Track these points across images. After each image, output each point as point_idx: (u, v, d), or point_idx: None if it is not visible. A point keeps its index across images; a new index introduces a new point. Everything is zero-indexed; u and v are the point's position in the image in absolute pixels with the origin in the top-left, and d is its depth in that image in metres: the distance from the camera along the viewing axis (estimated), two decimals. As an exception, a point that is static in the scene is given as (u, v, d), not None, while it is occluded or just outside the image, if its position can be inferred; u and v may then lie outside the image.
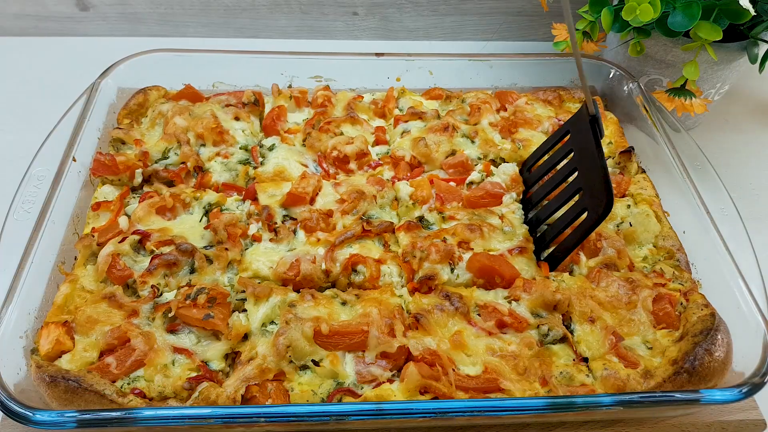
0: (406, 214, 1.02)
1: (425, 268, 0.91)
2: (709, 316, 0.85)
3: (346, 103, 1.22)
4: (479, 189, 1.04)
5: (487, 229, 0.96)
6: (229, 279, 0.95)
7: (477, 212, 1.00)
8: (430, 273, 0.91)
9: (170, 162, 1.10)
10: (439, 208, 1.01)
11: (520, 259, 0.95)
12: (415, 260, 0.92)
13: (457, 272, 0.92)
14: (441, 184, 1.05)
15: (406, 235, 0.97)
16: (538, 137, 1.17)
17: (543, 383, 0.82)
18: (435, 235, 0.96)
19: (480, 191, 1.03)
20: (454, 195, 1.04)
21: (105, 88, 1.17)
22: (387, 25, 1.61)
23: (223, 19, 1.58)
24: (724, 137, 1.40)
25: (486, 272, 0.91)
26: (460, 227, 0.96)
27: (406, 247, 0.95)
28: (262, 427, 0.76)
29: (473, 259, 0.92)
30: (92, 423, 0.71)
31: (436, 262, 0.91)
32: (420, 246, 0.93)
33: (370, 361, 0.82)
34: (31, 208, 0.94)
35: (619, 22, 1.15)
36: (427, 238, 0.95)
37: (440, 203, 1.02)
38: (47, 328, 0.84)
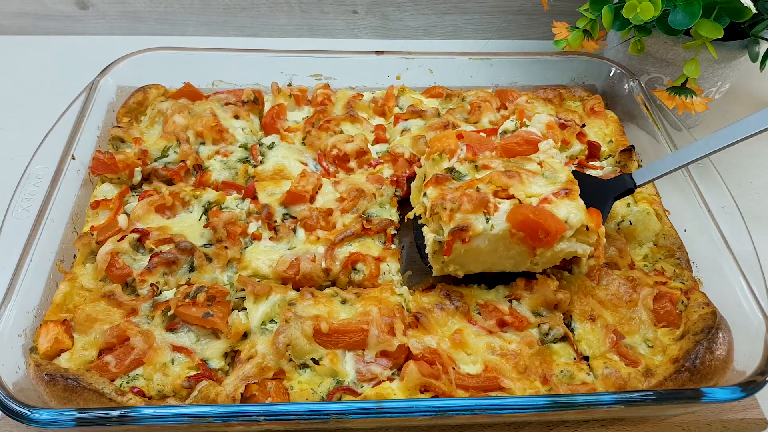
0: (433, 167, 0.92)
1: (457, 219, 0.81)
2: (710, 314, 0.85)
3: (346, 102, 1.22)
4: (515, 136, 0.95)
5: (526, 175, 0.86)
6: (229, 277, 0.94)
7: (513, 160, 0.91)
8: (462, 223, 0.80)
9: (170, 160, 1.10)
10: (471, 158, 0.92)
11: (566, 202, 0.83)
12: (445, 212, 0.82)
13: (492, 222, 0.82)
14: (471, 135, 0.96)
15: (435, 188, 0.87)
16: (538, 136, 1.17)
17: (543, 382, 0.82)
18: (467, 185, 0.86)
19: (516, 138, 0.94)
20: (487, 145, 0.94)
21: (104, 86, 1.17)
22: (387, 23, 1.61)
23: (223, 17, 1.58)
24: (725, 136, 1.39)
25: (528, 226, 0.81)
26: (495, 174, 0.86)
27: (434, 199, 0.85)
28: (262, 425, 0.76)
29: (516, 210, 0.81)
30: (91, 421, 0.71)
31: (468, 211, 0.81)
32: (450, 197, 0.83)
33: (370, 360, 0.82)
34: (30, 207, 0.94)
35: (619, 21, 1.15)
36: (458, 189, 0.86)
37: (472, 153, 0.92)
38: (46, 326, 0.84)
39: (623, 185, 0.96)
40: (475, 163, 0.91)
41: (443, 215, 0.83)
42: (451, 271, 0.89)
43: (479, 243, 0.82)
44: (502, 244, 0.84)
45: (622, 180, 0.97)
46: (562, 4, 1.47)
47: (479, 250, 0.84)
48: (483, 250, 0.84)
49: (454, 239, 0.81)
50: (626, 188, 0.96)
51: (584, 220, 0.82)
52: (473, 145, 0.93)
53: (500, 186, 0.85)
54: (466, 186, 0.86)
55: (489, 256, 0.86)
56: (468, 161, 0.91)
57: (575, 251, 0.84)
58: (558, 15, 1.37)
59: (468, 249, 0.83)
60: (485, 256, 0.86)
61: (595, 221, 0.84)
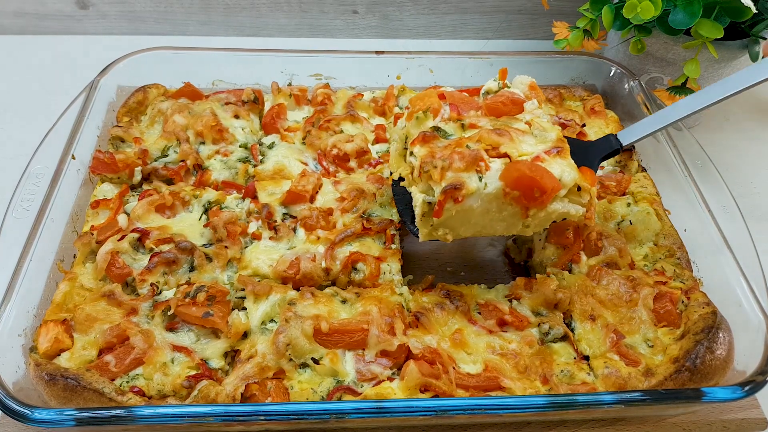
0: (417, 126, 0.87)
1: (449, 178, 0.76)
2: (711, 314, 0.85)
3: (346, 101, 1.22)
4: (499, 95, 0.90)
5: (516, 134, 0.82)
6: (229, 277, 0.94)
7: (500, 120, 0.86)
8: (455, 182, 0.76)
9: (170, 160, 1.10)
10: (456, 118, 0.87)
11: (558, 161, 0.80)
12: (435, 170, 0.77)
13: (485, 181, 0.78)
14: (454, 94, 0.91)
15: (422, 147, 0.82)
16: (538, 135, 1.17)
17: (544, 381, 0.82)
18: (456, 144, 0.81)
19: (501, 97, 0.89)
20: (471, 104, 0.89)
21: (104, 86, 1.17)
22: (387, 23, 1.61)
23: (223, 17, 1.58)
24: (725, 135, 1.39)
25: (523, 184, 0.76)
26: (485, 132, 0.81)
27: (424, 156, 0.80)
28: (262, 425, 0.76)
29: (511, 168, 0.77)
30: (91, 421, 0.71)
31: (460, 169, 0.77)
32: (440, 155, 0.79)
33: (370, 360, 0.82)
34: (30, 206, 0.94)
35: (619, 20, 1.15)
36: (447, 147, 0.81)
37: (456, 113, 0.88)
38: (46, 326, 0.84)
39: (609, 145, 0.94)
40: (462, 122, 0.86)
41: (434, 173, 0.78)
42: (440, 235, 0.83)
43: (472, 203, 0.78)
44: (495, 204, 0.79)
45: (607, 141, 0.94)
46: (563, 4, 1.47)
47: (471, 211, 0.79)
48: (475, 211, 0.79)
49: (446, 199, 0.76)
50: (612, 148, 0.94)
51: (577, 179, 0.79)
52: (457, 105, 0.89)
53: (490, 144, 0.81)
54: (455, 144, 0.81)
55: (480, 219, 0.81)
56: (453, 121, 0.86)
57: (568, 212, 0.80)
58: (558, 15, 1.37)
59: (460, 210, 0.78)
60: (477, 218, 0.81)
61: (589, 180, 0.81)
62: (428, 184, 0.80)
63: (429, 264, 1.05)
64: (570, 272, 0.96)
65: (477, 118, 0.87)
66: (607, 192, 1.08)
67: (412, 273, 1.01)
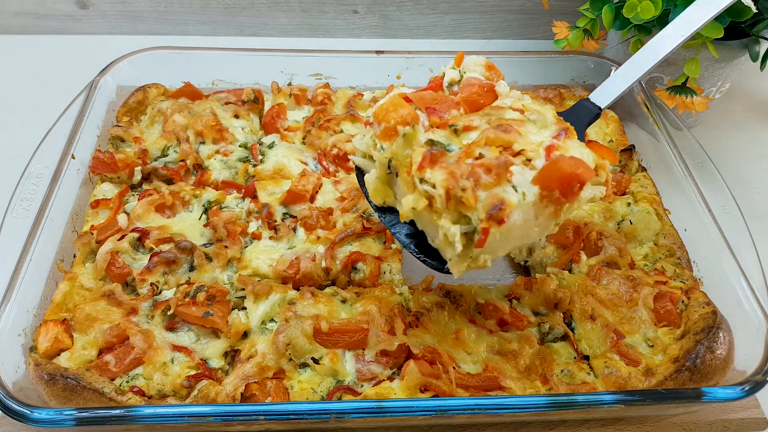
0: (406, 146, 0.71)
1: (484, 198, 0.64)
2: (711, 314, 0.85)
3: (346, 101, 1.22)
4: (470, 85, 0.78)
5: (518, 124, 0.72)
6: (229, 277, 0.94)
7: (487, 113, 0.75)
8: (497, 202, 0.64)
9: (169, 160, 1.10)
10: (440, 123, 0.73)
11: (571, 143, 0.72)
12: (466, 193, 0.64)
13: (521, 190, 0.66)
14: (422, 95, 0.76)
15: (437, 169, 0.67)
16: (538, 135, 1.16)
17: (544, 381, 0.81)
18: (466, 155, 0.68)
19: (473, 87, 0.77)
20: (447, 103, 0.76)
21: (104, 85, 1.17)
22: (387, 23, 1.61)
23: (223, 17, 1.58)
24: (726, 135, 1.39)
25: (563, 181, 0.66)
26: (491, 133, 0.69)
27: (447, 182, 0.65)
28: (262, 425, 0.76)
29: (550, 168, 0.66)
30: (91, 421, 0.71)
31: (491, 185, 0.65)
32: (461, 173, 0.65)
33: (370, 359, 0.82)
34: (30, 206, 0.94)
35: (620, 20, 1.15)
36: (459, 161, 0.68)
37: (438, 118, 0.74)
38: (46, 326, 0.84)
39: (588, 111, 0.87)
40: (454, 127, 0.72)
41: (468, 198, 0.64)
42: (480, 265, 0.70)
43: (515, 220, 0.66)
44: (533, 211, 0.68)
45: (583, 107, 0.87)
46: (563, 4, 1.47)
47: (514, 227, 0.67)
48: (516, 225, 0.67)
49: (491, 224, 0.64)
50: (593, 113, 0.86)
51: (596, 160, 0.71)
52: (434, 108, 0.75)
53: (501, 145, 0.69)
54: (464, 155, 0.68)
55: (520, 231, 0.69)
56: (439, 127, 0.73)
57: (593, 196, 0.71)
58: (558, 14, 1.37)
59: (503, 231, 0.66)
60: (517, 232, 0.68)
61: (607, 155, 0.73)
62: (458, 212, 0.66)
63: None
64: (570, 272, 0.96)
65: (463, 117, 0.75)
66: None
67: (412, 273, 1.01)
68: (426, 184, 0.68)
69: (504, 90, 0.80)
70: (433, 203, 0.67)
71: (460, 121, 0.73)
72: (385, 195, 0.79)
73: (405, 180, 0.71)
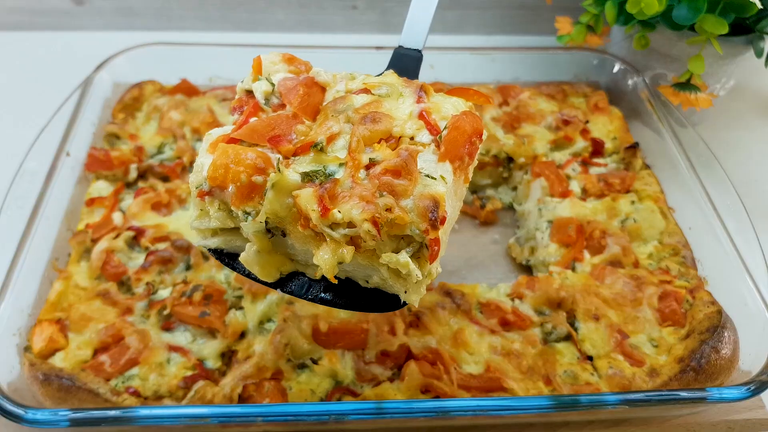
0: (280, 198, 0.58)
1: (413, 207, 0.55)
2: (716, 313, 0.84)
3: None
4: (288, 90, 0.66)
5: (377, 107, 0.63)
6: (226, 276, 0.93)
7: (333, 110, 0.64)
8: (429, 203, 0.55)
9: (166, 157, 1.08)
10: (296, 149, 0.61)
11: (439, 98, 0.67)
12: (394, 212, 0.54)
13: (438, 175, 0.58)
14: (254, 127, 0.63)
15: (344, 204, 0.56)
16: (541, 132, 1.15)
17: (547, 382, 0.80)
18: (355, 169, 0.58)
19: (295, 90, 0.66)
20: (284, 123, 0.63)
21: (100, 82, 1.15)
22: (387, 18, 1.59)
23: (220, 12, 1.56)
24: (730, 133, 1.38)
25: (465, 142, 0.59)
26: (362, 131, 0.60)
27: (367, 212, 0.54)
28: (260, 426, 0.75)
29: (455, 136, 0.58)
30: (86, 422, 0.70)
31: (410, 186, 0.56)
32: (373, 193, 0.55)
33: (370, 360, 0.81)
34: (24, 204, 0.92)
35: (623, 16, 1.13)
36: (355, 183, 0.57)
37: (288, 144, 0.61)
38: (40, 325, 0.83)
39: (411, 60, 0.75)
40: (318, 146, 0.60)
41: (403, 216, 0.54)
42: (434, 277, 0.60)
43: (449, 209, 0.58)
44: (455, 189, 0.61)
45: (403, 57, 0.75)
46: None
47: (451, 219, 0.60)
48: (452, 216, 0.60)
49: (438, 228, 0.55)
50: (416, 58, 0.75)
51: (466, 103, 0.65)
52: (276, 135, 0.62)
53: (382, 137, 0.60)
54: (354, 170, 0.57)
55: (453, 216, 0.61)
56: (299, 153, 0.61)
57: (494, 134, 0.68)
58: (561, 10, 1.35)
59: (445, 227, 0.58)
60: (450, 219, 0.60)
61: (471, 95, 0.67)
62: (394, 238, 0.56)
63: (429, 263, 1.04)
64: (573, 271, 0.95)
65: (317, 129, 0.62)
66: (611, 190, 1.07)
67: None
68: (340, 227, 0.55)
69: (327, 77, 0.68)
70: (361, 244, 0.55)
71: (318, 135, 0.61)
72: (279, 265, 0.64)
73: (301, 236, 0.58)
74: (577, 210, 1.01)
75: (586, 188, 1.07)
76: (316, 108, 0.67)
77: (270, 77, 0.70)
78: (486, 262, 1.05)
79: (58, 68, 1.45)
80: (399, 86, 0.67)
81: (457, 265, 1.04)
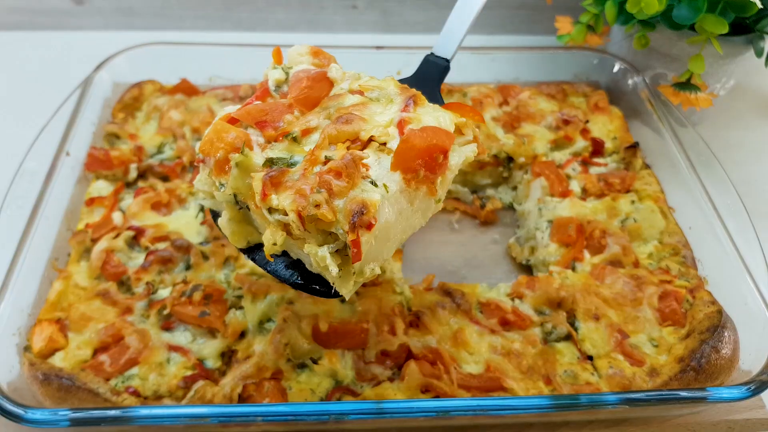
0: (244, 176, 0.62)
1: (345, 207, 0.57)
2: (716, 313, 0.84)
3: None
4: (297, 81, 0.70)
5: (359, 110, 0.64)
6: (226, 276, 0.93)
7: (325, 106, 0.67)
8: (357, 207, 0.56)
9: (165, 157, 1.08)
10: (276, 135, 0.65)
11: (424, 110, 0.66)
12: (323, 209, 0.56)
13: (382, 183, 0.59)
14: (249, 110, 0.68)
15: (282, 192, 0.58)
16: (541, 132, 1.15)
17: (547, 382, 0.80)
18: (311, 163, 0.60)
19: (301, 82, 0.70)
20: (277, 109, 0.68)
21: (99, 82, 1.15)
22: (387, 18, 1.59)
23: (220, 12, 1.56)
24: (730, 133, 1.38)
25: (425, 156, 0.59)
26: (332, 129, 0.62)
27: (296, 204, 0.57)
28: (260, 426, 0.75)
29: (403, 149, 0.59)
30: (85, 421, 0.70)
31: (347, 189, 0.57)
32: (310, 188, 0.57)
33: (370, 360, 0.81)
34: (24, 204, 0.92)
35: (623, 15, 1.13)
36: (305, 174, 0.59)
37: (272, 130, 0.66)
38: (40, 325, 0.83)
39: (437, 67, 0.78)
40: (291, 135, 0.64)
41: (325, 214, 0.56)
42: (368, 276, 0.62)
43: (387, 217, 0.59)
44: (403, 201, 0.61)
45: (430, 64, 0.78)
46: (565, -1, 1.45)
47: (389, 225, 0.60)
48: (391, 222, 0.60)
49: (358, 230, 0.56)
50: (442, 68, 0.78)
51: (454, 119, 0.65)
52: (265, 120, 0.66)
53: (349, 138, 0.62)
54: (310, 164, 0.60)
55: (400, 225, 0.63)
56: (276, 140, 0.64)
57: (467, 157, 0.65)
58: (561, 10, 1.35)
59: (377, 234, 0.59)
60: (396, 228, 0.62)
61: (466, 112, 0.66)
62: (319, 232, 0.58)
63: (430, 263, 1.04)
64: (573, 271, 0.95)
65: (299, 121, 0.66)
66: (611, 189, 1.07)
67: (413, 272, 0.99)
68: (276, 212, 0.59)
69: (337, 74, 0.71)
70: (291, 231, 0.58)
71: (295, 127, 0.65)
72: (247, 234, 0.69)
73: (257, 213, 0.63)
74: (577, 210, 1.01)
75: (586, 188, 1.07)
76: (317, 101, 0.70)
77: (289, 67, 0.75)
78: (486, 262, 1.05)
79: (58, 68, 1.45)
80: (392, 93, 0.69)
81: (457, 265, 1.04)
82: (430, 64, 0.80)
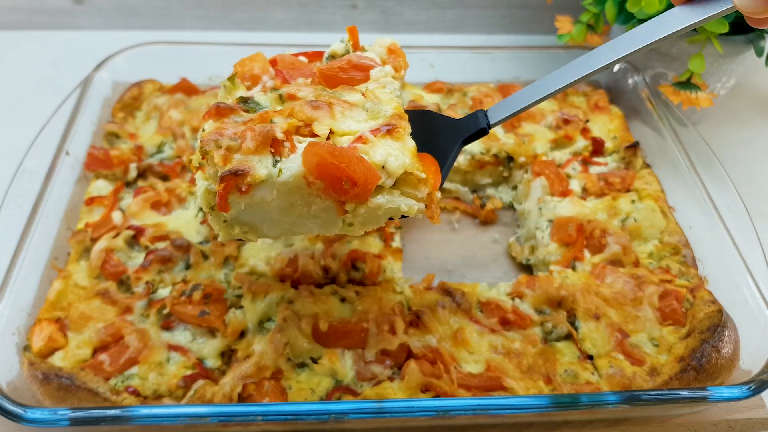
0: (225, 97, 0.71)
1: (234, 162, 0.60)
2: (716, 312, 0.83)
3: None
4: (340, 60, 0.74)
5: (341, 107, 0.66)
6: (226, 275, 0.93)
7: (333, 90, 0.71)
8: (238, 167, 0.59)
9: (165, 156, 1.08)
10: (278, 86, 0.72)
11: (387, 142, 0.64)
12: (218, 152, 0.61)
13: (280, 166, 0.61)
14: (287, 58, 0.76)
15: (214, 122, 0.65)
16: (541, 131, 1.15)
17: (547, 381, 0.80)
18: (259, 119, 0.65)
19: (341, 62, 0.73)
20: (302, 70, 0.73)
21: (99, 81, 1.15)
22: (387, 18, 1.59)
23: (220, 12, 1.56)
24: (731, 132, 1.38)
25: (328, 173, 0.60)
26: (298, 105, 0.66)
27: (207, 134, 0.63)
28: (260, 426, 0.75)
29: (309, 151, 0.60)
30: (85, 421, 0.70)
31: (250, 151, 0.61)
32: (231, 133, 0.62)
33: (370, 359, 0.81)
34: (24, 203, 0.92)
35: (623, 15, 1.13)
36: (246, 123, 0.64)
37: (281, 80, 0.72)
38: (40, 324, 0.83)
39: (475, 124, 0.75)
40: (279, 92, 0.69)
41: (215, 156, 0.60)
42: (237, 234, 0.66)
43: (265, 195, 0.61)
44: (298, 197, 0.63)
45: (474, 118, 0.76)
46: (565, -1, 1.45)
47: (266, 205, 0.63)
48: (272, 205, 0.63)
49: (228, 188, 0.59)
50: (478, 128, 0.75)
51: (408, 166, 0.62)
52: (284, 71, 0.72)
53: (303, 120, 0.64)
54: (258, 120, 0.64)
55: (284, 214, 0.65)
56: (272, 90, 0.70)
57: (398, 208, 0.63)
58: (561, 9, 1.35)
59: (251, 203, 0.62)
60: (279, 214, 0.65)
61: (427, 168, 0.64)
62: (215, 169, 0.62)
63: (430, 262, 1.04)
64: (573, 270, 0.95)
65: (299, 87, 0.70)
66: (611, 189, 1.07)
67: (413, 271, 0.99)
68: None
69: (377, 75, 0.73)
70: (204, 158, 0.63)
71: (287, 88, 0.70)
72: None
73: None
74: (578, 209, 1.01)
75: (586, 187, 1.06)
76: (338, 82, 0.74)
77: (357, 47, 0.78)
78: (486, 261, 1.05)
79: (57, 67, 1.44)
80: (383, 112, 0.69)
81: (457, 264, 1.04)
82: (474, 118, 0.77)
